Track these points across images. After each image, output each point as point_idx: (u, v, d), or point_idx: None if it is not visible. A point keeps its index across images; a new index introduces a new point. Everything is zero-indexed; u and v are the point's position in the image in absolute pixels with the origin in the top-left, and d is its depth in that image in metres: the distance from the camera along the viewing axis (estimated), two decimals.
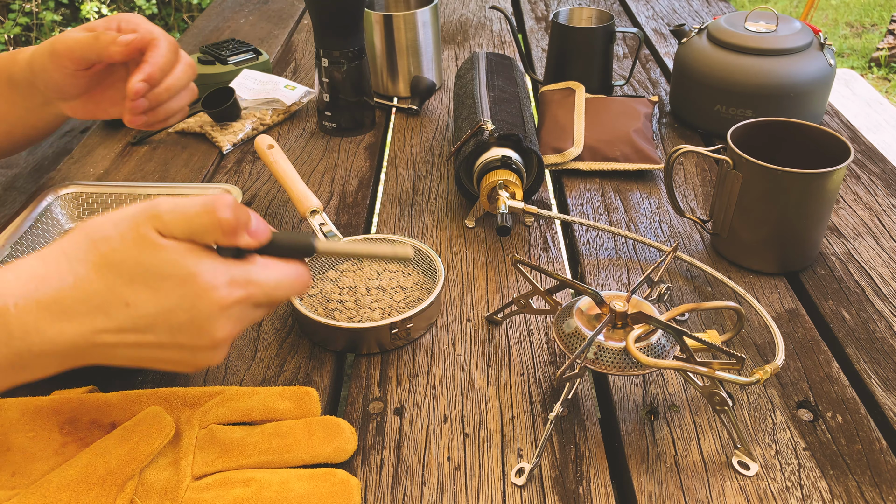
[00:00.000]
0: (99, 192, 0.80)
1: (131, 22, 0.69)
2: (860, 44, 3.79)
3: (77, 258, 0.43)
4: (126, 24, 0.69)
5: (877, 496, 0.50)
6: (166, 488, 0.50)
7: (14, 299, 0.42)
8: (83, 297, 0.43)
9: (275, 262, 0.47)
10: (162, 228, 0.43)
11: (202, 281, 0.43)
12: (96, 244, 0.43)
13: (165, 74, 0.68)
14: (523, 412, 0.57)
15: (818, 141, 0.71)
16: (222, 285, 0.44)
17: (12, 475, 0.51)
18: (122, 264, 0.43)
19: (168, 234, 0.43)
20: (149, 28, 0.68)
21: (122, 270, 0.43)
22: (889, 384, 0.59)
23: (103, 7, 3.65)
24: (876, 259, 0.73)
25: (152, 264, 0.43)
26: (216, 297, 0.44)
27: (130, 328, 0.43)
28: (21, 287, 0.42)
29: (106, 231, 0.43)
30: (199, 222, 0.43)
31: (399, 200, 0.85)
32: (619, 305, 0.54)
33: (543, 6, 1.49)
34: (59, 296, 0.42)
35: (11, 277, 0.43)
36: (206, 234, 0.44)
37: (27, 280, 0.43)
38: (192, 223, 0.43)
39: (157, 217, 0.43)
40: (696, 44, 0.95)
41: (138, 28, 0.68)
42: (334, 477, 0.50)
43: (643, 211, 0.82)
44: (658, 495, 0.51)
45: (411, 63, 1.08)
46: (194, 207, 0.43)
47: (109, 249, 0.43)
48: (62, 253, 0.43)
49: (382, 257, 0.49)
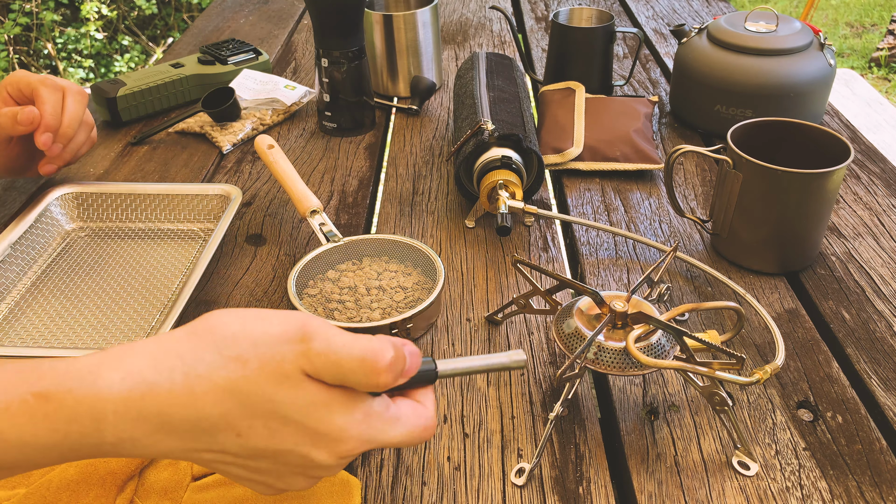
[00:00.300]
0: (99, 192, 0.80)
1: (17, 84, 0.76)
2: (860, 44, 3.79)
3: (197, 373, 0.37)
4: (13, 89, 0.76)
5: (877, 496, 0.50)
6: (166, 488, 0.50)
7: (114, 405, 0.37)
8: (193, 419, 0.37)
9: (406, 416, 0.42)
10: (310, 370, 0.38)
11: (332, 436, 0.39)
12: (226, 363, 0.38)
13: (59, 115, 0.76)
14: (523, 412, 0.57)
15: (818, 141, 0.71)
16: (350, 443, 0.40)
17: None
18: (249, 395, 0.37)
19: (315, 377, 0.38)
20: (28, 82, 0.76)
21: (247, 403, 0.38)
22: (889, 384, 0.59)
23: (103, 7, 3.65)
24: (876, 259, 0.73)
25: (283, 404, 0.38)
26: (338, 452, 0.40)
27: (233, 454, 0.39)
28: (125, 392, 0.37)
29: (242, 350, 0.38)
30: (353, 380, 0.39)
31: (399, 200, 0.85)
32: (619, 305, 0.54)
33: (543, 6, 1.49)
34: (166, 411, 0.37)
35: (116, 378, 0.37)
36: (359, 386, 0.39)
37: (133, 385, 0.37)
38: (346, 378, 0.39)
39: (305, 356, 0.38)
40: (696, 44, 0.95)
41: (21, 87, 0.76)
42: (334, 477, 0.50)
43: (643, 211, 0.82)
44: (658, 495, 0.51)
45: (411, 63, 1.08)
46: (351, 362, 0.38)
47: (240, 377, 0.37)
48: (179, 357, 0.38)
49: (500, 369, 0.46)
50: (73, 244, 0.77)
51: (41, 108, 0.75)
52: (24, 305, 0.69)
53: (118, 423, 0.37)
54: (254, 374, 0.38)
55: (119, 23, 3.79)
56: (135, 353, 0.38)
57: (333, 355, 0.38)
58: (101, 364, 0.38)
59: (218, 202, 0.80)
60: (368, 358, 0.38)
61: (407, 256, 0.70)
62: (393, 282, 0.68)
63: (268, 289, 0.71)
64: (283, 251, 0.76)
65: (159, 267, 0.74)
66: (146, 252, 0.76)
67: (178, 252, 0.76)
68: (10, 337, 0.65)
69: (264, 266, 0.74)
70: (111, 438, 0.37)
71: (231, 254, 0.76)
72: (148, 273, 0.73)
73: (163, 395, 0.37)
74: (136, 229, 0.80)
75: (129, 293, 0.70)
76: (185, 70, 1.06)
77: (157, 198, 0.80)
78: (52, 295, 0.70)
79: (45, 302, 0.69)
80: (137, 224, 0.80)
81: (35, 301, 0.69)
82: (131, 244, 0.78)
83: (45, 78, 0.76)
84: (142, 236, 0.79)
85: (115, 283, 0.72)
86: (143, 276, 0.73)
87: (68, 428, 0.36)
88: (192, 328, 0.39)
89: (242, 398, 0.38)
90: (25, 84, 0.76)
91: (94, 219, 0.80)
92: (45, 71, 3.69)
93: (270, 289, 0.71)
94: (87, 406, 0.37)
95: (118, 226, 0.80)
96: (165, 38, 3.90)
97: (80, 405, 0.37)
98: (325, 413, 0.39)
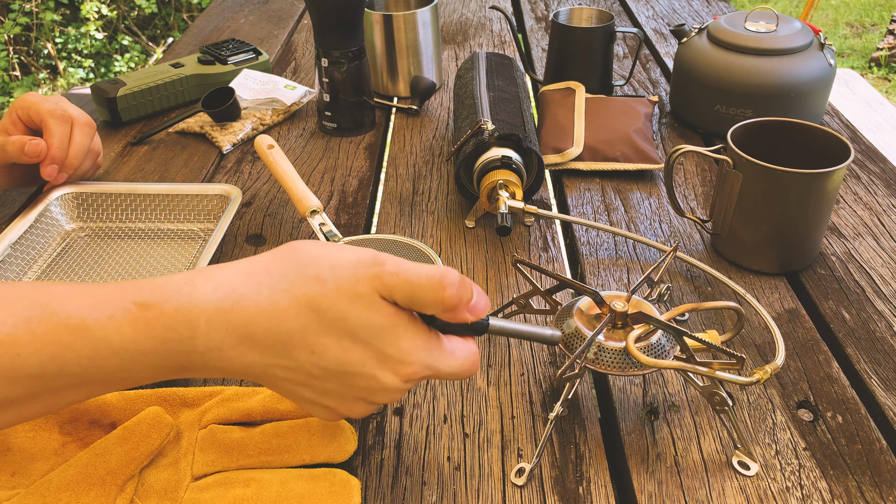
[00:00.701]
0: (99, 192, 0.80)
1: (28, 110, 0.78)
2: (860, 44, 3.79)
3: (281, 288, 0.41)
4: (23, 113, 0.78)
5: (877, 496, 0.50)
6: (166, 488, 0.50)
7: (207, 315, 0.40)
8: (274, 331, 0.41)
9: (459, 350, 0.45)
10: (383, 290, 0.41)
11: (397, 358, 0.42)
12: (307, 281, 0.41)
13: (66, 148, 0.77)
14: (523, 412, 0.57)
15: (818, 141, 0.71)
16: (413, 367, 0.43)
17: (12, 475, 0.51)
18: (325, 312, 0.41)
19: (388, 298, 0.42)
20: (38, 111, 0.77)
21: (324, 318, 0.41)
22: (889, 384, 0.59)
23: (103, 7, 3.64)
24: (876, 259, 0.73)
25: (355, 323, 0.41)
26: (401, 374, 0.43)
27: (304, 372, 0.42)
28: (217, 303, 0.41)
29: (321, 270, 0.41)
30: (422, 295, 0.42)
31: (399, 200, 0.85)
32: (619, 305, 0.54)
33: (543, 6, 1.49)
34: (252, 322, 0.41)
35: (209, 289, 0.41)
36: (427, 307, 0.42)
37: (224, 296, 0.41)
38: (415, 293, 0.42)
39: (379, 277, 0.41)
40: (696, 44, 0.95)
41: (31, 114, 0.77)
42: (334, 477, 0.50)
43: (643, 211, 0.82)
44: (658, 495, 0.51)
45: (411, 63, 1.08)
46: (420, 277, 0.41)
47: (318, 293, 0.41)
48: (266, 273, 0.42)
49: (541, 340, 0.50)
50: (73, 244, 0.77)
51: (49, 141, 0.76)
52: None
53: (209, 332, 0.40)
54: (331, 291, 0.41)
55: (119, 23, 3.79)
56: (226, 268, 0.42)
57: (405, 274, 0.41)
58: (195, 276, 0.42)
59: (218, 202, 0.80)
60: (437, 275, 0.42)
61: (407, 256, 0.70)
62: None
63: None
64: None
65: (159, 267, 0.74)
66: (146, 252, 0.76)
67: (178, 252, 0.76)
68: None
69: None
70: (202, 347, 0.41)
71: (231, 254, 0.76)
72: (148, 273, 0.73)
73: (250, 307, 0.41)
74: (136, 229, 0.80)
75: None
76: (185, 70, 1.06)
77: (157, 198, 0.80)
78: None
79: None
80: (137, 224, 0.80)
81: None
82: (131, 244, 0.78)
83: (55, 108, 0.77)
84: (142, 236, 0.79)
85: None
86: (143, 276, 0.73)
87: (166, 335, 0.40)
88: (276, 250, 0.43)
89: (319, 314, 0.41)
90: (35, 112, 0.77)
91: (94, 219, 0.80)
92: (45, 71, 3.69)
93: None
94: (183, 314, 0.40)
95: (118, 226, 0.80)
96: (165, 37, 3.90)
97: (177, 313, 0.40)
98: (392, 336, 0.42)
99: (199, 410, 0.55)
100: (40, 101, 0.78)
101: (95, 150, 0.83)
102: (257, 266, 0.42)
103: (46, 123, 0.77)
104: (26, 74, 3.65)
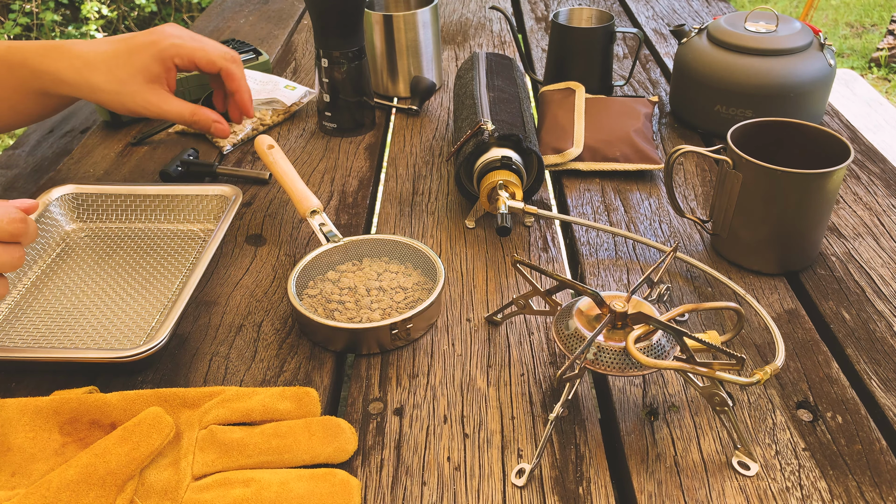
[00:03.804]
0: (99, 193, 0.80)
1: (193, 57, 0.77)
2: (860, 44, 3.79)
3: None
4: (183, 61, 0.77)
5: (877, 496, 0.50)
6: (166, 489, 0.50)
7: None
8: None
9: None
10: None
11: None
12: None
13: (249, 94, 0.83)
14: (523, 412, 0.57)
15: (818, 141, 0.71)
16: None
17: (12, 475, 0.51)
18: None
19: None
20: (209, 59, 0.78)
21: None
22: (889, 384, 0.59)
23: (103, 7, 3.64)
24: (876, 259, 0.73)
25: None
26: None
27: None
28: None
29: None
30: None
31: (399, 200, 0.85)
32: (618, 306, 0.54)
33: (543, 6, 1.49)
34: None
35: None
36: None
37: None
38: None
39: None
40: (696, 44, 0.95)
41: (198, 62, 0.78)
42: (334, 477, 0.50)
43: (643, 211, 0.82)
44: (658, 495, 0.51)
45: (411, 63, 1.08)
46: None
47: None
48: None
49: None
50: (72, 245, 0.77)
51: (238, 94, 0.80)
52: (24, 305, 0.69)
53: None
54: None
55: (119, 23, 3.79)
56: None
57: None
58: None
59: (218, 202, 0.80)
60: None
61: (407, 257, 0.70)
62: (393, 282, 0.68)
63: (268, 289, 0.71)
64: (283, 251, 0.76)
65: (159, 267, 0.74)
66: (146, 252, 0.76)
67: (178, 252, 0.76)
68: (11, 337, 0.65)
69: (264, 266, 0.74)
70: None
71: (231, 254, 0.76)
72: (148, 273, 0.73)
73: None
74: (136, 230, 0.80)
75: (129, 293, 0.70)
76: None
77: (157, 198, 0.80)
78: (52, 295, 0.70)
79: (45, 302, 0.69)
80: (137, 225, 0.80)
81: (35, 301, 0.69)
82: (131, 244, 0.77)
83: (226, 52, 0.78)
84: (142, 237, 0.79)
85: (114, 283, 0.72)
86: (143, 277, 0.73)
87: None
88: None
89: None
90: (205, 60, 0.77)
91: (93, 219, 0.80)
92: None
93: (270, 289, 0.71)
94: None
95: (118, 226, 0.80)
96: None
97: None
98: None
99: (199, 411, 0.55)
100: (198, 44, 0.76)
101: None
102: None
103: (229, 72, 0.77)
104: None
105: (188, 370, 0.62)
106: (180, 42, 0.75)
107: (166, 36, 0.75)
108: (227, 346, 0.64)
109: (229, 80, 0.79)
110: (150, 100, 0.74)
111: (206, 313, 0.68)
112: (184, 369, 0.62)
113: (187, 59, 0.76)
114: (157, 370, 0.62)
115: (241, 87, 0.80)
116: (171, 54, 0.75)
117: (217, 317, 0.68)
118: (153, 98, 0.74)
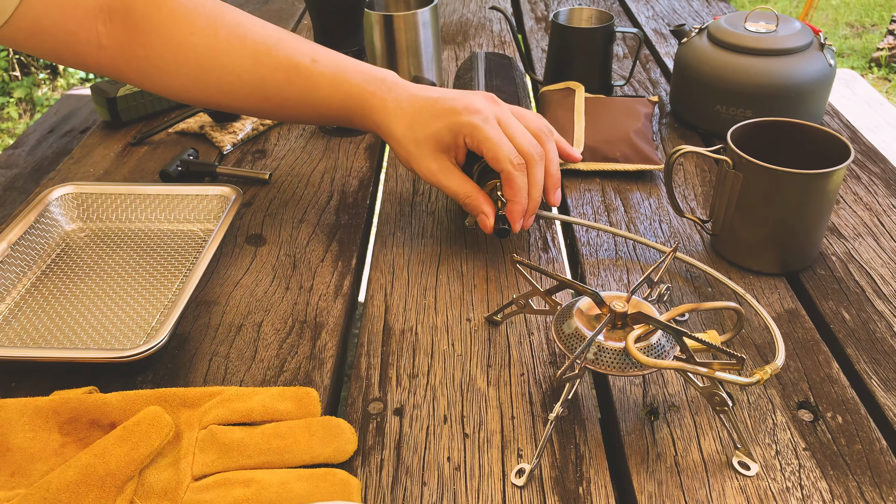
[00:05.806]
0: (99, 193, 0.80)
1: (481, 146, 0.69)
2: (860, 44, 3.80)
3: None
4: (474, 142, 0.69)
5: (877, 496, 0.50)
6: (166, 489, 0.50)
7: None
8: None
9: None
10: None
11: None
12: None
13: (525, 201, 0.70)
14: (523, 412, 0.57)
15: (818, 141, 0.71)
16: None
17: (12, 475, 0.51)
18: None
19: None
20: (496, 157, 0.68)
21: None
22: (889, 384, 0.59)
23: None
24: (876, 259, 0.73)
25: None
26: None
27: None
28: None
29: None
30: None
31: (399, 200, 0.85)
32: (618, 306, 0.54)
33: (543, 6, 1.49)
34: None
35: None
36: None
37: None
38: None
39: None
40: (696, 44, 0.95)
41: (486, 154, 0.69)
42: (334, 477, 0.50)
43: (643, 211, 0.82)
44: (658, 495, 0.51)
45: (411, 63, 1.08)
46: None
47: None
48: None
49: None
50: (72, 245, 0.77)
51: (511, 208, 0.70)
52: (23, 306, 0.69)
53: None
54: None
55: None
56: None
57: None
58: None
59: (218, 202, 0.80)
60: None
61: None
62: None
63: (268, 289, 0.71)
64: (284, 251, 0.76)
65: (159, 267, 0.74)
66: (146, 252, 0.76)
67: (178, 252, 0.76)
68: (10, 337, 0.65)
69: (264, 266, 0.74)
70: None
71: (231, 254, 0.76)
72: (148, 273, 0.73)
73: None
74: (136, 230, 0.80)
75: (129, 293, 0.70)
76: None
77: (157, 198, 0.80)
78: (52, 295, 0.70)
79: (45, 302, 0.69)
80: (137, 224, 0.80)
81: (35, 301, 0.69)
82: (131, 244, 0.77)
83: (531, 155, 0.69)
84: (142, 237, 0.79)
85: (114, 283, 0.72)
86: (143, 277, 0.73)
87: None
88: None
89: None
90: (493, 159, 0.68)
91: (93, 219, 0.80)
92: (45, 71, 3.69)
93: (270, 289, 0.71)
94: None
95: (118, 226, 0.80)
96: None
97: None
98: None
99: (199, 411, 0.55)
100: (495, 134, 0.68)
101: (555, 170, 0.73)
102: None
103: (509, 178, 0.68)
104: (26, 74, 3.65)
105: (188, 370, 0.62)
106: (478, 125, 0.68)
107: (470, 112, 0.69)
108: (227, 346, 0.64)
109: (506, 186, 0.69)
110: (432, 168, 0.71)
111: (206, 313, 0.68)
112: (184, 369, 0.62)
113: (476, 146, 0.69)
114: (156, 370, 0.62)
115: (516, 197, 0.69)
116: (464, 133, 0.69)
117: (217, 317, 0.68)
118: (434, 166, 0.71)
